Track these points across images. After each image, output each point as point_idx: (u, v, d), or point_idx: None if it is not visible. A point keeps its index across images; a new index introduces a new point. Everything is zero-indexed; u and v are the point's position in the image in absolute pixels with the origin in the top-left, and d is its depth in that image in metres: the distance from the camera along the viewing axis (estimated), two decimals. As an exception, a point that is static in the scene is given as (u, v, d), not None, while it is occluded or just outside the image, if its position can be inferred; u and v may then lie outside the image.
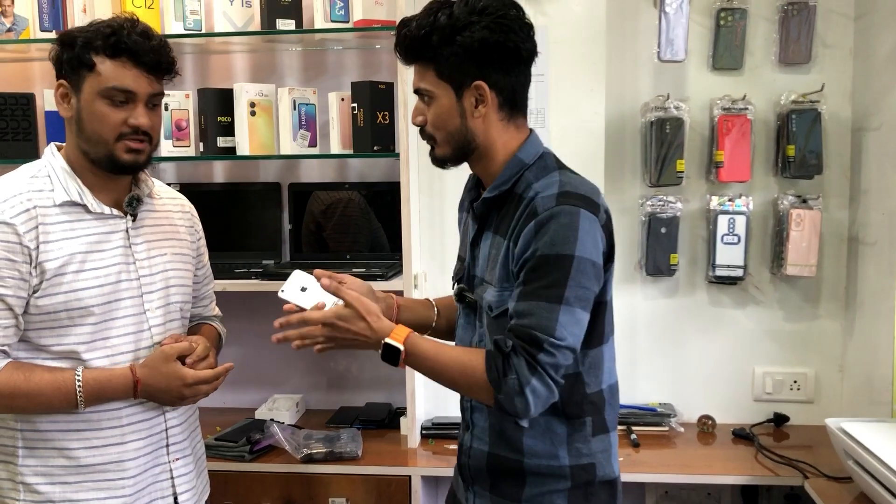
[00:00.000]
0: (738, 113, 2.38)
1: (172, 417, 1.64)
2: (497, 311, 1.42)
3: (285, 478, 2.23)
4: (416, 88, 1.46)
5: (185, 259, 1.70)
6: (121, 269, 1.54)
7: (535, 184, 1.41)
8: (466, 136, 1.44)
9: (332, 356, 2.69)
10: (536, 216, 1.34)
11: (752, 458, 2.23)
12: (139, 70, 1.48)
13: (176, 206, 1.74)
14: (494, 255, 1.45)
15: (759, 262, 2.47)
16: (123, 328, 1.55)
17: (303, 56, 2.60)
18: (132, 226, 1.58)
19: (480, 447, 1.50)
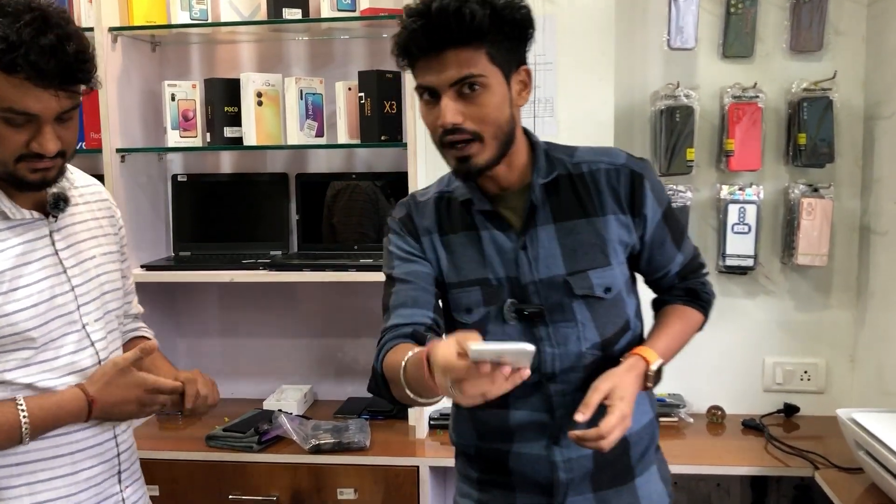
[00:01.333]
0: (749, 101, 2.35)
1: (123, 441, 1.46)
2: (615, 290, 1.39)
3: (293, 468, 2.23)
4: (462, 77, 1.25)
5: (114, 258, 1.49)
6: (53, 283, 1.33)
7: (576, 157, 1.41)
8: (513, 128, 1.33)
9: (341, 346, 2.69)
10: (644, 178, 1.40)
11: (762, 449, 2.22)
12: (44, 89, 1.21)
13: (94, 195, 1.50)
14: (580, 240, 1.37)
15: (770, 252, 2.45)
16: (64, 348, 1.34)
17: (309, 45, 2.59)
18: (55, 228, 1.37)
19: (581, 454, 1.39)
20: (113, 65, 2.36)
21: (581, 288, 1.37)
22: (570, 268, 1.37)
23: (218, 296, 2.72)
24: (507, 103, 1.30)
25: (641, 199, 1.39)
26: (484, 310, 1.39)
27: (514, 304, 1.38)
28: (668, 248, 1.46)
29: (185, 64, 2.63)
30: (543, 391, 1.39)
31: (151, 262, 2.50)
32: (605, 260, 1.38)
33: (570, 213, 1.38)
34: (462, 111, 1.26)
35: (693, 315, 1.51)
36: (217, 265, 2.44)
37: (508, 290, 1.38)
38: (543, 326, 1.38)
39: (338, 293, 2.66)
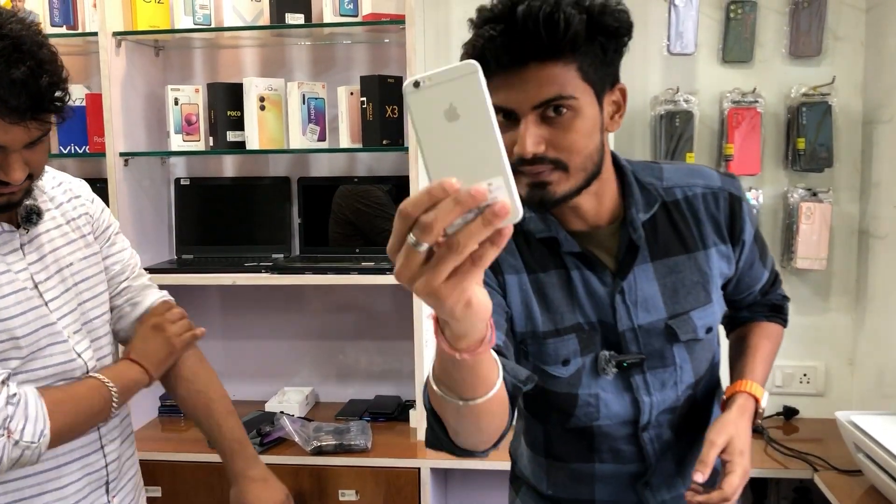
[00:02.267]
0: (749, 106, 2.37)
1: (111, 451, 1.40)
2: (714, 328, 1.28)
3: (295, 470, 2.25)
4: (551, 98, 1.04)
5: (94, 261, 1.41)
6: (18, 301, 1.25)
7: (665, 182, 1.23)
8: (601, 156, 1.13)
9: (342, 349, 2.71)
10: (740, 199, 1.25)
11: (762, 451, 2.23)
12: (12, 122, 1.13)
13: (66, 195, 1.41)
14: (682, 279, 1.22)
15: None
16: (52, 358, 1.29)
17: (312, 50, 2.60)
18: (26, 240, 1.29)
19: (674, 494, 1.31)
20: (117, 69, 2.38)
21: (685, 333, 1.23)
22: (671, 311, 1.21)
23: (220, 298, 2.74)
24: (598, 128, 1.10)
25: (741, 225, 1.25)
26: (580, 360, 1.21)
27: (613, 355, 1.21)
28: (757, 268, 1.35)
29: (189, 68, 2.65)
30: (636, 443, 1.27)
31: (154, 266, 2.52)
32: (707, 297, 1.23)
33: (669, 248, 1.21)
34: (546, 138, 1.06)
35: (777, 331, 1.44)
36: (219, 268, 2.45)
37: (602, 338, 1.21)
38: (639, 374, 1.23)
39: (339, 296, 2.67)
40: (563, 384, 1.23)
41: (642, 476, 1.29)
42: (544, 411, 1.29)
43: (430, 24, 2.47)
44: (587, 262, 1.20)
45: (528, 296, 1.20)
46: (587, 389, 1.22)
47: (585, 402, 1.23)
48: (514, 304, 1.19)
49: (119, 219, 2.38)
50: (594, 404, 1.23)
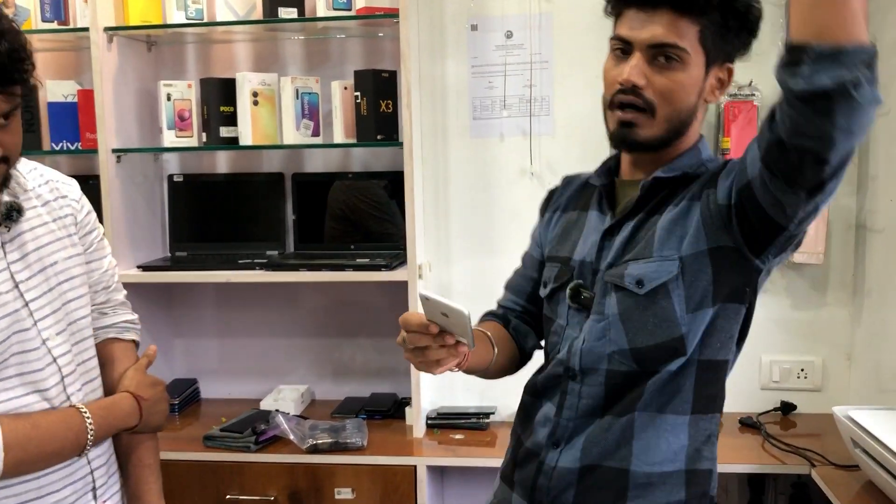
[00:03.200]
0: (745, 99, 2.35)
1: (96, 458, 1.34)
2: (650, 285, 1.19)
3: (290, 468, 2.23)
4: (662, 42, 1.16)
5: (78, 261, 1.36)
6: (5, 300, 1.22)
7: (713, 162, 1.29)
8: (690, 117, 1.23)
9: (338, 346, 2.69)
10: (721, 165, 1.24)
11: (759, 447, 2.22)
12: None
13: (52, 193, 1.36)
14: (640, 235, 1.24)
15: (766, 250, 2.45)
16: (28, 365, 1.24)
17: (305, 45, 2.58)
18: (7, 239, 1.25)
19: (569, 465, 1.26)
20: (108, 65, 2.35)
21: (611, 276, 1.24)
22: (631, 256, 1.24)
23: (214, 296, 2.72)
24: (697, 91, 1.21)
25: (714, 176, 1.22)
26: (553, 285, 1.33)
27: (579, 284, 1.28)
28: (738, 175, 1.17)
29: (181, 64, 2.63)
30: (561, 387, 1.29)
31: (148, 263, 2.50)
32: (649, 252, 1.21)
33: (661, 209, 1.25)
34: (648, 76, 1.18)
35: None
36: (213, 265, 2.44)
37: (578, 273, 1.30)
38: (587, 319, 1.27)
39: (335, 293, 2.65)
40: (548, 309, 1.37)
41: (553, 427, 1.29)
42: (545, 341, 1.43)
43: (424, 18, 2.45)
44: (601, 202, 1.32)
45: (553, 230, 1.40)
46: (560, 319, 1.33)
47: (554, 332, 1.34)
48: (551, 234, 1.42)
49: (112, 216, 2.37)
50: (559, 334, 1.33)
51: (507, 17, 2.44)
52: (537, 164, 2.45)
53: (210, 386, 2.74)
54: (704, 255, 1.20)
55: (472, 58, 2.47)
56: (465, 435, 2.38)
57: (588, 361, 1.25)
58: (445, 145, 2.48)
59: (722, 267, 1.20)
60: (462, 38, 2.47)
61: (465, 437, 2.36)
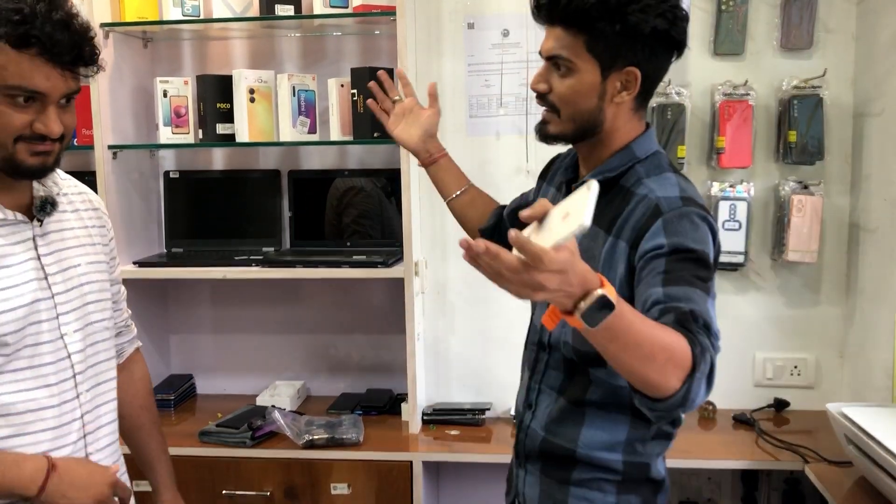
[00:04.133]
0: (740, 98, 2.37)
1: (100, 461, 1.38)
2: None
3: (287, 464, 2.24)
4: (553, 55, 1.31)
5: (101, 268, 1.42)
6: (33, 288, 1.26)
7: (646, 180, 1.32)
8: (597, 118, 1.33)
9: (334, 342, 2.70)
10: (662, 214, 1.25)
11: (753, 443, 2.24)
12: (53, 66, 1.18)
13: (84, 204, 1.44)
14: (590, 247, 1.31)
15: (760, 249, 2.46)
16: (39, 358, 1.27)
17: (302, 42, 2.58)
18: (40, 233, 1.31)
19: (536, 429, 1.46)
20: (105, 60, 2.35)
21: None
22: None
23: (210, 292, 2.72)
24: (596, 95, 1.31)
25: (646, 231, 1.25)
26: None
27: None
28: (651, 281, 1.21)
29: (177, 60, 2.63)
30: (535, 354, 1.49)
31: (143, 259, 2.50)
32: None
33: (600, 219, 1.28)
34: (550, 83, 1.33)
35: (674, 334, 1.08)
36: (209, 262, 2.44)
37: None
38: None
39: (331, 289, 2.66)
40: None
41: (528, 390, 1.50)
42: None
43: (420, 16, 2.45)
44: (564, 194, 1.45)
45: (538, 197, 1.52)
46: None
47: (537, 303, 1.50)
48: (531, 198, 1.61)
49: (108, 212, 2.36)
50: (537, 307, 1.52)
51: (503, 16, 2.45)
52: (533, 162, 2.46)
53: (206, 382, 2.75)
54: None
55: (468, 56, 2.48)
56: (460, 431, 2.39)
57: (553, 339, 1.43)
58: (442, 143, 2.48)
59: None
60: (458, 36, 2.48)
61: (461, 433, 2.37)
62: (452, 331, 2.59)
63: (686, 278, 1.19)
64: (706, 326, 1.13)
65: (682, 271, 1.19)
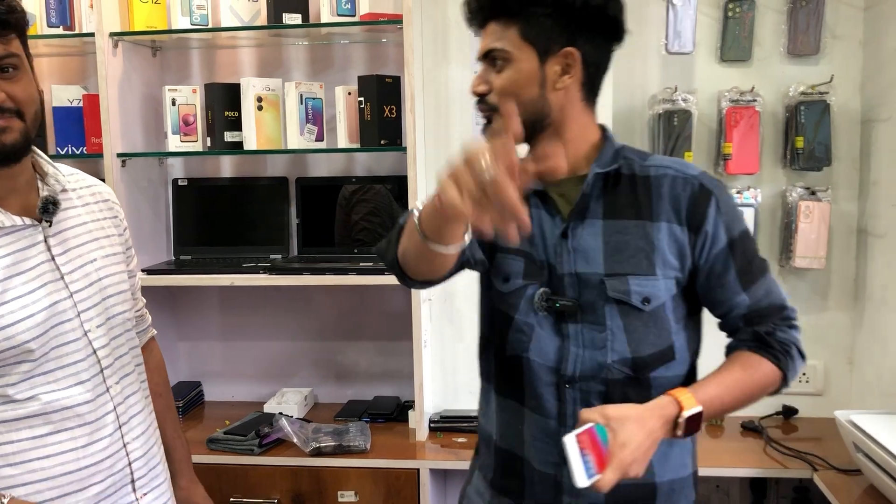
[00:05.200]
0: (747, 105, 2.37)
1: (135, 449, 1.39)
2: (655, 303, 1.25)
3: (294, 471, 2.24)
4: (489, 51, 1.27)
5: (118, 259, 1.43)
6: (50, 290, 1.27)
7: (652, 161, 1.31)
8: (543, 108, 1.26)
9: (341, 349, 2.70)
10: (712, 193, 1.27)
11: (761, 451, 2.23)
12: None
13: (94, 197, 1.44)
14: (626, 242, 1.27)
15: (768, 255, 2.44)
16: (65, 358, 1.28)
17: (309, 50, 2.60)
18: (51, 233, 1.31)
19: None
20: (114, 70, 2.37)
21: (616, 291, 1.26)
22: (609, 268, 1.26)
23: (218, 299, 2.73)
24: (537, 83, 1.25)
25: (703, 213, 1.26)
26: (521, 282, 1.31)
27: (547, 293, 1.29)
28: (731, 284, 1.28)
29: (186, 69, 2.64)
30: (558, 395, 1.29)
31: (152, 266, 2.51)
32: (650, 268, 1.25)
33: (622, 212, 1.28)
34: (490, 81, 1.28)
35: (761, 365, 1.26)
36: (217, 269, 2.45)
37: (547, 279, 1.30)
38: (573, 323, 1.28)
39: (338, 296, 2.66)
40: (504, 303, 1.34)
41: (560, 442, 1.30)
42: (491, 331, 1.39)
43: (427, 23, 2.46)
44: (544, 203, 1.32)
45: None
46: (524, 317, 1.31)
47: (519, 329, 1.32)
48: None
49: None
50: (527, 333, 1.31)
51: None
52: (540, 168, 2.46)
53: (214, 389, 2.76)
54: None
55: (475, 62, 2.48)
56: (467, 438, 2.38)
57: (587, 369, 1.27)
58: (448, 150, 2.49)
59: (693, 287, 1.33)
60: (465, 42, 2.48)
61: (468, 441, 2.37)
62: (460, 338, 2.59)
63: (756, 269, 1.30)
64: (781, 309, 1.30)
65: (751, 261, 1.29)
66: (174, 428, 1.67)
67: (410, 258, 1.21)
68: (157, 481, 1.46)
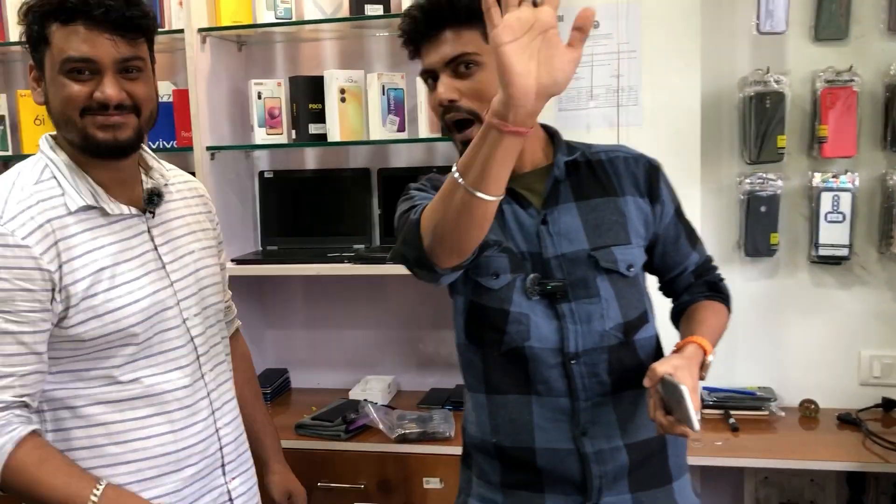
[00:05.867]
0: (843, 85, 2.26)
1: (226, 434, 1.46)
2: (636, 269, 1.39)
3: (380, 457, 2.27)
4: (455, 56, 1.27)
5: (212, 252, 1.50)
6: (153, 278, 1.34)
7: (595, 146, 1.45)
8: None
9: (422, 338, 2.72)
10: (658, 169, 1.44)
11: (860, 444, 2.14)
12: (98, 33, 1.22)
13: (191, 192, 1.52)
14: (602, 217, 1.38)
15: (866, 241, 2.35)
16: (166, 343, 1.35)
17: (390, 41, 2.61)
18: (153, 224, 1.38)
19: (613, 445, 1.35)
20: (202, 65, 2.43)
21: (606, 261, 1.36)
22: (593, 243, 1.36)
23: (303, 288, 2.78)
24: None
25: (657, 187, 1.42)
26: (510, 276, 1.35)
27: (538, 278, 1.35)
28: (683, 246, 1.48)
29: (271, 62, 2.69)
30: (566, 372, 1.34)
31: (240, 257, 2.58)
32: (627, 237, 1.38)
33: (590, 192, 1.39)
34: (458, 88, 1.28)
35: (720, 309, 1.48)
36: (303, 259, 2.49)
37: (531, 265, 1.36)
38: (566, 303, 1.35)
39: (419, 286, 2.63)
40: (496, 299, 1.36)
41: (575, 416, 1.34)
42: (480, 332, 1.40)
43: (508, 11, 2.44)
44: (515, 198, 1.37)
45: None
46: (518, 308, 1.35)
47: (516, 320, 1.35)
48: None
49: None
50: (525, 323, 1.34)
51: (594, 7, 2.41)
52: (624, 155, 2.42)
53: (300, 375, 2.81)
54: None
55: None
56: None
57: (588, 342, 1.35)
58: (530, 137, 2.47)
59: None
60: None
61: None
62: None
63: (693, 229, 1.50)
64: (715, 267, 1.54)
65: (690, 224, 1.49)
66: (263, 414, 1.72)
67: (447, 231, 1.14)
68: (244, 467, 1.53)
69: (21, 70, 2.86)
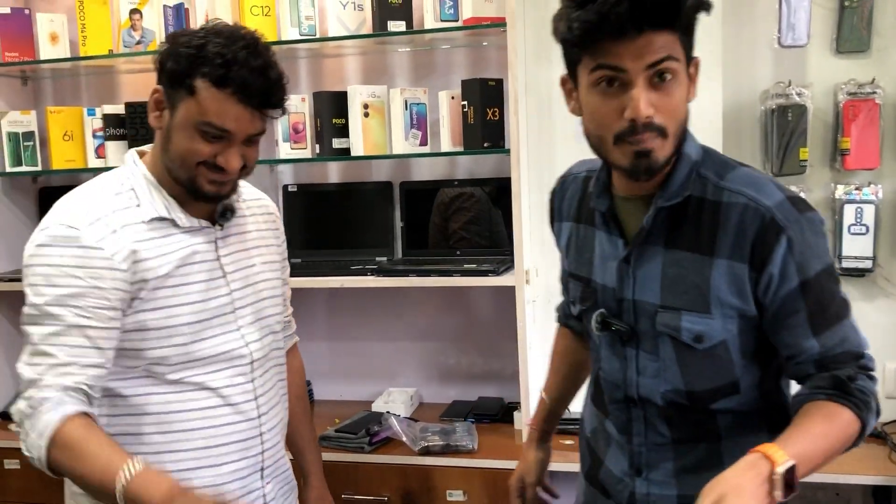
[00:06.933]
0: (866, 97, 2.26)
1: (269, 440, 1.51)
2: (709, 343, 1.21)
3: (403, 470, 2.28)
4: (661, 60, 1.09)
5: (275, 267, 1.58)
6: (210, 286, 1.42)
7: (727, 183, 1.19)
8: (686, 125, 1.19)
9: (444, 350, 2.73)
10: (783, 230, 1.14)
11: (886, 458, 2.13)
12: (244, 108, 1.30)
13: (261, 209, 1.60)
14: (683, 276, 1.21)
15: (890, 253, 2.34)
16: (219, 347, 1.42)
17: (413, 56, 2.64)
18: (220, 236, 1.46)
19: (665, 492, 1.30)
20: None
21: (664, 325, 1.23)
22: (665, 300, 1.22)
23: (326, 301, 2.81)
24: (686, 96, 1.16)
25: (769, 252, 1.15)
26: (581, 307, 1.37)
27: (604, 314, 1.30)
28: (799, 329, 1.17)
29: (295, 78, 2.73)
30: (625, 412, 1.33)
31: (265, 269, 2.60)
32: (705, 307, 1.19)
33: (681, 241, 1.21)
34: (654, 103, 1.10)
35: (842, 415, 1.14)
36: (326, 271, 2.52)
37: (603, 299, 1.30)
38: (630, 348, 1.29)
39: (441, 298, 2.70)
40: (580, 325, 1.43)
41: (632, 455, 1.33)
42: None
43: (529, 25, 2.46)
44: (606, 224, 1.29)
45: (571, 240, 1.39)
46: (593, 336, 1.35)
47: (594, 347, 1.38)
48: (562, 244, 1.43)
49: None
50: (597, 352, 1.37)
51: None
52: (645, 167, 2.43)
53: (322, 388, 2.83)
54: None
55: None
56: (573, 440, 2.34)
57: (645, 392, 1.29)
58: (551, 150, 2.48)
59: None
60: (567, 43, 2.47)
61: (574, 443, 2.32)
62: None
63: (831, 313, 1.18)
64: (858, 357, 1.19)
65: (826, 304, 1.18)
66: (310, 430, 1.78)
67: None
68: (280, 471, 1.58)
69: (50, 87, 2.91)
